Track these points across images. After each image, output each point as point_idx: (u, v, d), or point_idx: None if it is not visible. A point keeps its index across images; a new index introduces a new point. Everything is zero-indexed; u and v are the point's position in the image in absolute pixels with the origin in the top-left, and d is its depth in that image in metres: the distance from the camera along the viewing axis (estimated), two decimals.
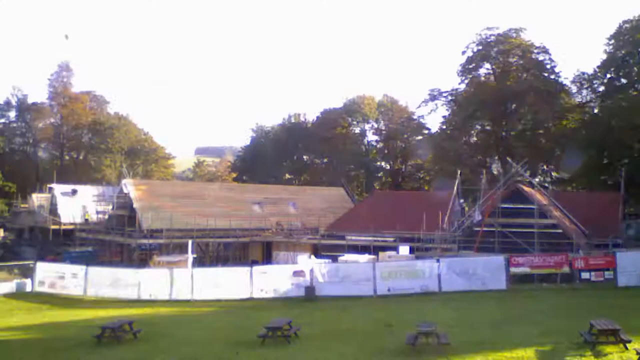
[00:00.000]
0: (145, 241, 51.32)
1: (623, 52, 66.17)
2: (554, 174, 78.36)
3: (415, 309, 30.46)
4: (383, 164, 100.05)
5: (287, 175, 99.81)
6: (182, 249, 51.10)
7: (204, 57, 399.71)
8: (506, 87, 73.89)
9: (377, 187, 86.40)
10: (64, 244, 63.69)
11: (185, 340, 24.55)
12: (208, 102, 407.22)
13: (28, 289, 42.44)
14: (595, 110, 71.69)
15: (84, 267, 41.92)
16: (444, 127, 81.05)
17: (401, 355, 20.06)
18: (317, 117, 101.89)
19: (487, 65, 77.36)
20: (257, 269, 39.23)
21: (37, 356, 22.86)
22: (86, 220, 62.21)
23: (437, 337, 20.14)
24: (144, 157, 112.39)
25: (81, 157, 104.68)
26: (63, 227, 66.22)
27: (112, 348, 23.09)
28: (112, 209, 56.21)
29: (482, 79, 78.60)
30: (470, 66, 77.09)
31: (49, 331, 28.46)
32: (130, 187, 55.46)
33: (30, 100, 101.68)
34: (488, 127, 77.03)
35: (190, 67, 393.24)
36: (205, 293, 37.27)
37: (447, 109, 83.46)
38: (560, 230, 41.16)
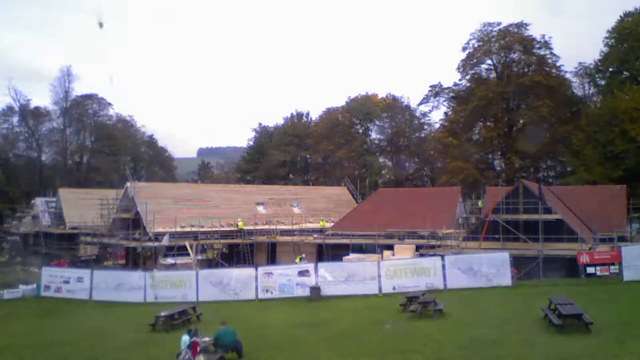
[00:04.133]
0: (149, 244, 51.31)
1: (625, 45, 66.04)
2: (557, 168, 78.32)
3: None
4: (386, 161, 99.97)
5: (291, 175, 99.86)
6: (187, 251, 51.13)
7: (207, 58, 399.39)
8: (508, 82, 73.85)
9: (381, 186, 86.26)
10: (68, 249, 63.77)
11: None
12: (211, 103, 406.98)
13: (34, 294, 42.55)
14: (598, 104, 71.58)
15: (89, 271, 42.05)
16: (446, 124, 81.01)
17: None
18: (320, 116, 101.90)
19: (489, 61, 77.34)
20: (262, 269, 39.22)
21: None
22: None
23: (434, 305, 26.39)
24: (147, 159, 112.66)
25: (85, 161, 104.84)
26: (68, 231, 66.27)
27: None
28: (116, 212, 56.21)
29: (484, 74, 78.52)
30: (472, 62, 77.04)
31: None
32: (134, 190, 55.50)
33: (32, 105, 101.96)
34: (490, 124, 76.93)
35: (192, 68, 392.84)
36: (211, 295, 37.32)
37: (448, 106, 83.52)
38: (565, 225, 41.01)
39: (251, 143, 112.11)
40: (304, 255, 48.06)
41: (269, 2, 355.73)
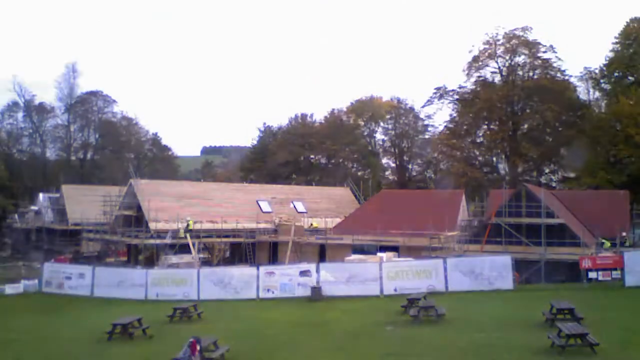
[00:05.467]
0: (152, 241, 51.39)
1: (631, 50, 66.04)
2: (560, 172, 78.24)
3: None
4: (390, 163, 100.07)
5: (294, 175, 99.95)
6: (189, 250, 51.22)
7: (212, 56, 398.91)
8: (513, 86, 73.83)
9: (384, 187, 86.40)
10: (71, 245, 63.92)
11: None
12: (215, 101, 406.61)
13: (36, 290, 42.64)
14: (603, 109, 71.56)
15: (90, 267, 42.11)
16: (451, 125, 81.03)
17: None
18: (325, 117, 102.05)
19: (494, 64, 77.31)
20: (263, 268, 39.22)
21: None
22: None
23: (435, 311, 26.18)
24: (151, 157, 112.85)
25: (88, 158, 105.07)
26: (70, 227, 66.40)
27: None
28: (119, 209, 56.32)
29: (489, 77, 78.53)
30: (477, 65, 77.06)
31: None
32: (137, 187, 55.58)
33: (37, 101, 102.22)
34: (494, 127, 76.91)
35: (197, 66, 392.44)
36: (212, 293, 37.33)
37: (452, 109, 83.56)
38: (567, 230, 40.92)
39: (255, 142, 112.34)
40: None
41: (276, 3, 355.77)
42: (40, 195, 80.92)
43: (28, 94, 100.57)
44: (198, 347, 19.12)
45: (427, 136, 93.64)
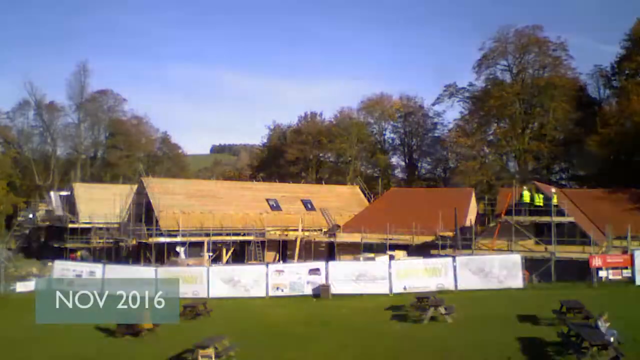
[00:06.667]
0: (162, 239, 51.58)
1: None
2: (570, 171, 77.89)
3: None
4: (399, 161, 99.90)
5: (303, 174, 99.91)
6: (199, 248, 51.35)
7: (221, 54, 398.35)
8: (523, 84, 73.56)
9: (393, 185, 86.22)
10: (81, 242, 64.14)
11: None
12: (225, 99, 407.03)
13: (46, 287, 42.76)
14: (614, 107, 71.16)
15: (101, 265, 42.28)
16: (461, 123, 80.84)
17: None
18: (334, 116, 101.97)
19: (504, 62, 77.03)
20: (273, 267, 39.27)
21: None
22: None
23: (444, 309, 26.14)
24: (161, 155, 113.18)
25: (99, 156, 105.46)
26: (81, 225, 66.65)
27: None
28: (129, 207, 56.53)
29: (499, 75, 78.26)
30: (487, 63, 76.82)
31: None
32: (147, 185, 55.78)
33: (48, 100, 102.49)
34: (505, 125, 76.66)
35: (206, 63, 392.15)
36: (222, 291, 37.40)
37: (462, 107, 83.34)
38: (577, 228, 40.68)
39: (265, 141, 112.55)
40: None
41: (283, 2, 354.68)
42: (51, 193, 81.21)
43: (39, 93, 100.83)
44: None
45: (436, 134, 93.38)
